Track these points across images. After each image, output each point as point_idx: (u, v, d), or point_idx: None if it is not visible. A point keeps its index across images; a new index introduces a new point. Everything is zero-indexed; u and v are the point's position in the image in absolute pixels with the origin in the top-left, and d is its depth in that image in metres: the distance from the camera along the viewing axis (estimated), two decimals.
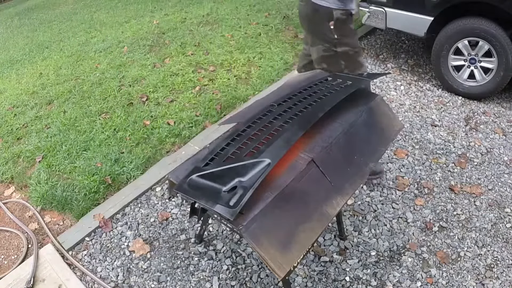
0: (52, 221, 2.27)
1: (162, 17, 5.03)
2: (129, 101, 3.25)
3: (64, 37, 5.02)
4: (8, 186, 2.58)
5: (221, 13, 4.84)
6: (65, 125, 3.02)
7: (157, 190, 2.37)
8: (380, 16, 3.17)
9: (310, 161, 1.28)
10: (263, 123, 1.41)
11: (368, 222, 2.03)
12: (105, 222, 2.17)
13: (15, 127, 3.15)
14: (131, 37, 4.51)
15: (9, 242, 2.17)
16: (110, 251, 2.04)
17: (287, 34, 4.10)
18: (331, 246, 1.93)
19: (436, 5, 2.76)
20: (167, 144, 2.71)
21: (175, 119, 2.93)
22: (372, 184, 2.21)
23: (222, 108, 3.01)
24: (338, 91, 1.53)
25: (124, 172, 2.48)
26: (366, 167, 1.44)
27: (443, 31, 2.82)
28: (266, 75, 3.36)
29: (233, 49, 3.86)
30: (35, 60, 4.44)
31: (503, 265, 1.79)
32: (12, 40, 5.37)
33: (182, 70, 3.60)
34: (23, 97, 3.56)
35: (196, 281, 1.84)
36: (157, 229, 2.13)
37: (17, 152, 2.83)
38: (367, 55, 3.62)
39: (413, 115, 2.77)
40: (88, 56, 4.22)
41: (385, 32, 3.99)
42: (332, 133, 1.41)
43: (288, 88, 1.66)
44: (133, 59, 3.95)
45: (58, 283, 1.85)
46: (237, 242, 1.99)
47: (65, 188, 2.42)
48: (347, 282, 1.77)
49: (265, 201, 1.15)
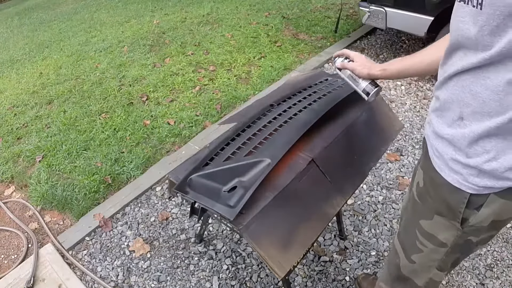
0: (52, 220, 2.27)
1: (162, 17, 5.03)
2: (129, 100, 3.25)
3: (64, 36, 5.02)
4: (8, 186, 2.58)
5: (221, 13, 4.84)
6: (65, 125, 3.02)
7: (157, 190, 2.37)
8: (380, 16, 3.17)
9: (310, 161, 1.28)
10: (263, 122, 1.41)
11: (368, 222, 2.03)
12: (105, 221, 2.17)
13: (15, 126, 3.15)
14: (131, 36, 4.51)
15: (9, 241, 2.17)
16: (110, 251, 2.04)
17: (287, 34, 4.10)
18: (331, 246, 1.93)
19: (437, 5, 2.76)
20: (167, 144, 2.71)
21: (175, 119, 2.93)
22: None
23: (222, 107, 3.01)
24: (338, 91, 1.53)
25: (124, 171, 2.48)
26: (366, 167, 1.44)
27: (443, 31, 2.82)
28: (266, 75, 3.36)
29: (233, 49, 3.86)
30: (35, 60, 4.44)
31: (503, 265, 1.79)
32: (12, 40, 5.37)
33: (182, 69, 3.60)
34: (23, 97, 3.57)
35: (196, 281, 1.84)
36: (157, 228, 2.13)
37: (17, 151, 2.83)
38: (367, 55, 3.62)
39: (413, 115, 2.77)
40: (88, 56, 4.23)
41: (385, 32, 3.99)
42: (332, 133, 1.41)
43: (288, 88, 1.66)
44: (133, 59, 3.96)
45: (58, 282, 1.85)
46: (237, 241, 1.99)
47: (65, 188, 2.42)
48: (347, 282, 1.77)
49: (265, 201, 1.15)
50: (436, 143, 0.84)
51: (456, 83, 0.75)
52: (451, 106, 0.77)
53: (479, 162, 0.75)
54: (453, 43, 0.75)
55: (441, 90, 0.81)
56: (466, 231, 0.87)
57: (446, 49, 0.79)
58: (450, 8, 0.67)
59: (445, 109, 0.79)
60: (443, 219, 0.89)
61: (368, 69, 1.09)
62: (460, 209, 0.83)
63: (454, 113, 0.77)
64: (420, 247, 0.99)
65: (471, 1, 0.66)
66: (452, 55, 0.76)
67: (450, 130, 0.78)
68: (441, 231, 0.92)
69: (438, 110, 0.83)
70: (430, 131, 0.87)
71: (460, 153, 0.78)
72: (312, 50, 3.74)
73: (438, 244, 0.94)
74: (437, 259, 0.98)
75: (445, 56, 0.79)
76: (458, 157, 0.78)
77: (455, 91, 0.75)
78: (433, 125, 0.84)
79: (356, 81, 1.13)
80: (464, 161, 0.77)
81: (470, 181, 0.78)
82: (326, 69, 3.46)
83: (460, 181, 0.80)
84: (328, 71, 3.40)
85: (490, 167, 0.74)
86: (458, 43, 0.73)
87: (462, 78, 0.74)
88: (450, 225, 0.88)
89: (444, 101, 0.79)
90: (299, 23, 4.30)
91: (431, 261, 0.99)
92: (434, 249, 0.96)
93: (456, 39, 0.73)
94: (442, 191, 0.86)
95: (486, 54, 0.66)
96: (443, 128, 0.80)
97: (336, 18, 3.96)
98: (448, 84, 0.78)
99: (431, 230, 0.94)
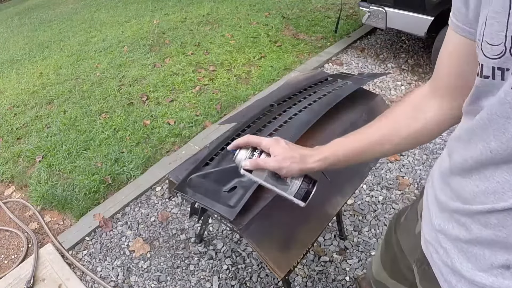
0: (52, 220, 2.27)
1: (162, 17, 5.03)
2: (129, 100, 3.25)
3: (64, 36, 5.02)
4: (8, 186, 2.58)
5: (221, 13, 4.84)
6: (65, 125, 3.02)
7: (157, 190, 2.37)
8: (380, 16, 3.17)
9: None
10: (263, 122, 1.41)
11: (368, 222, 2.03)
12: (105, 221, 2.17)
13: (15, 126, 3.15)
14: (131, 36, 4.51)
15: (9, 241, 2.17)
16: (110, 251, 2.04)
17: (287, 34, 4.10)
18: (331, 246, 1.93)
19: (437, 5, 2.76)
20: (167, 144, 2.71)
21: (175, 119, 2.93)
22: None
23: (222, 107, 3.01)
24: (338, 91, 1.53)
25: (124, 171, 2.48)
26: (366, 167, 1.44)
27: (443, 31, 2.82)
28: (266, 75, 3.36)
29: (233, 49, 3.86)
30: (35, 60, 4.44)
31: None
32: (12, 40, 5.37)
33: (182, 69, 3.60)
34: (23, 97, 3.57)
35: (196, 281, 1.84)
36: (157, 228, 2.13)
37: (17, 151, 2.83)
38: (367, 55, 3.62)
39: None
40: (88, 56, 4.23)
41: (385, 32, 3.99)
42: (332, 133, 1.40)
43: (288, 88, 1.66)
44: (133, 59, 3.96)
45: (58, 282, 1.85)
46: (237, 242, 1.99)
47: (65, 188, 2.42)
48: (347, 282, 1.77)
49: (265, 201, 1.15)
50: (455, 280, 0.57)
51: (501, 217, 0.49)
52: (491, 246, 0.52)
53: None
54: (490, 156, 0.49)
55: (472, 219, 0.53)
56: None
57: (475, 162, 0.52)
58: (450, 8, 0.66)
59: (479, 243, 0.53)
60: None
61: (298, 163, 0.74)
62: None
63: (495, 257, 0.52)
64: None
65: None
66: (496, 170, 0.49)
67: (488, 278, 0.53)
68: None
69: (464, 241, 0.55)
70: (448, 271, 0.59)
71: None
72: (312, 50, 3.74)
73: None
74: None
75: (476, 169, 0.52)
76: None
77: (497, 226, 0.50)
78: (452, 259, 0.57)
79: (282, 182, 0.78)
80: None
81: None
82: (326, 69, 3.46)
83: None
84: (328, 71, 3.41)
85: None
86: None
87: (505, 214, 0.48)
88: None
89: (478, 235, 0.53)
90: (299, 23, 4.30)
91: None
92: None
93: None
94: None
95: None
96: (473, 272, 0.55)
97: (336, 18, 3.96)
98: (482, 217, 0.51)
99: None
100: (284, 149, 0.75)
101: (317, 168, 0.75)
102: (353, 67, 3.45)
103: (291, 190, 0.77)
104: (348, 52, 3.71)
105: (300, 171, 0.75)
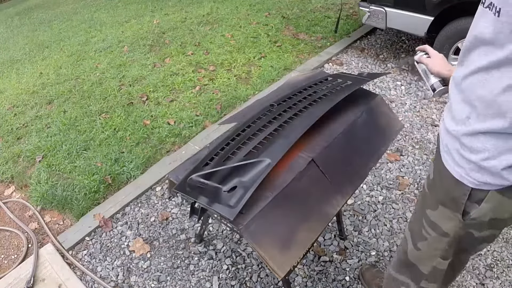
0: (52, 220, 2.27)
1: (162, 17, 5.03)
2: (129, 100, 3.25)
3: (64, 36, 5.02)
4: (8, 186, 2.58)
5: (221, 13, 4.84)
6: (65, 125, 3.02)
7: (157, 190, 2.37)
8: (380, 16, 3.17)
9: (310, 161, 1.28)
10: (263, 122, 1.41)
11: (368, 222, 2.03)
12: (105, 221, 2.17)
13: (15, 126, 3.15)
14: (131, 36, 4.51)
15: (9, 241, 2.17)
16: (110, 251, 2.04)
17: (287, 34, 4.10)
18: (331, 246, 1.93)
19: (437, 5, 2.76)
20: (167, 144, 2.71)
21: (175, 119, 2.93)
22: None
23: (222, 107, 3.01)
24: (338, 91, 1.53)
25: (124, 171, 2.48)
26: (366, 167, 1.44)
27: (443, 31, 2.82)
28: (266, 75, 3.36)
29: (233, 49, 3.86)
30: (35, 60, 4.44)
31: (503, 265, 1.79)
32: (12, 40, 5.37)
33: (182, 69, 3.60)
34: (23, 97, 3.57)
35: (196, 281, 1.84)
36: (157, 228, 2.13)
37: (17, 151, 2.83)
38: (367, 54, 3.62)
39: (413, 115, 2.77)
40: (88, 56, 4.23)
41: (385, 32, 3.99)
42: (332, 133, 1.41)
43: (288, 88, 1.66)
44: (133, 59, 3.96)
45: (58, 282, 1.85)
46: (237, 242, 1.99)
47: (65, 188, 2.42)
48: (347, 282, 1.77)
49: (265, 201, 1.15)
50: (446, 138, 0.90)
51: (467, 85, 0.80)
52: (460, 106, 0.83)
53: (479, 158, 0.80)
54: (471, 42, 0.79)
55: (452, 91, 0.88)
56: (467, 223, 0.93)
57: (462, 49, 0.84)
58: (450, 8, 0.69)
59: (455, 108, 0.86)
60: (446, 210, 0.96)
61: (438, 67, 1.13)
62: (462, 201, 0.89)
63: (463, 113, 0.82)
64: (425, 235, 1.06)
65: (493, 9, 0.72)
66: (469, 54, 0.81)
67: (457, 127, 0.85)
68: (444, 222, 0.98)
69: (449, 109, 0.90)
70: (442, 126, 0.94)
71: (464, 148, 0.83)
72: (312, 50, 3.74)
73: (441, 234, 1.01)
74: (440, 248, 1.04)
75: (462, 55, 0.83)
76: (463, 152, 0.84)
77: (466, 92, 0.81)
78: (444, 121, 0.91)
79: (428, 76, 1.18)
80: (467, 156, 0.83)
81: (472, 176, 0.84)
82: (326, 69, 3.46)
83: (462, 175, 0.86)
84: (328, 71, 3.41)
85: (489, 164, 0.79)
86: (475, 42, 0.78)
87: (470, 81, 0.79)
88: (452, 216, 0.94)
89: (454, 100, 0.86)
90: (299, 23, 4.30)
91: (435, 250, 1.06)
92: (437, 238, 1.02)
93: (474, 38, 0.78)
94: (447, 183, 0.91)
95: (495, 56, 0.72)
96: (452, 125, 0.87)
97: (336, 18, 3.96)
98: (460, 85, 0.83)
99: (436, 220, 1.01)
100: (438, 58, 1.16)
101: (447, 74, 1.10)
102: (353, 67, 3.45)
103: (429, 82, 1.16)
104: (348, 52, 3.71)
105: (437, 73, 1.13)
